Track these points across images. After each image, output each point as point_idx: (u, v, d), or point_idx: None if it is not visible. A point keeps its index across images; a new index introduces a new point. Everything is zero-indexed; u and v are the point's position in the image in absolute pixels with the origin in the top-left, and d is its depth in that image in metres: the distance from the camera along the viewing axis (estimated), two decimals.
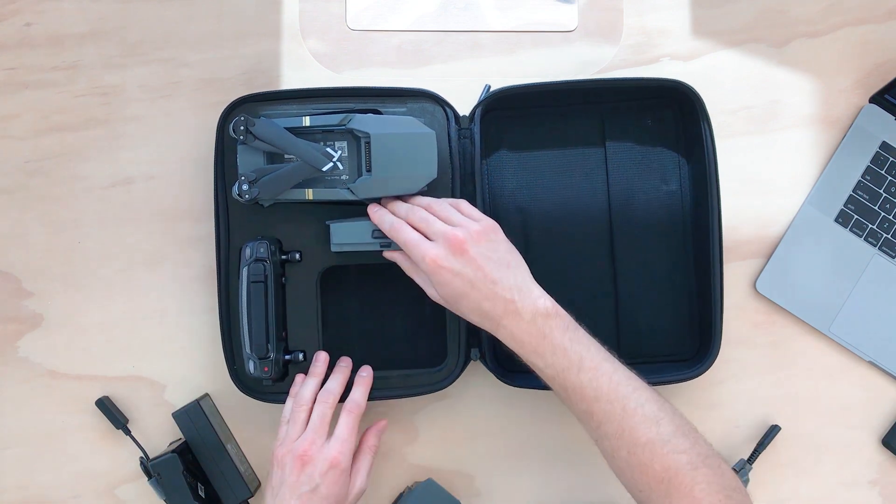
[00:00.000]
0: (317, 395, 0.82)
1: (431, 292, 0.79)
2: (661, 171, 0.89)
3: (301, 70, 0.92)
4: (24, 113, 0.91)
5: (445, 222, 0.78)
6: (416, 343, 0.89)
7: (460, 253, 0.75)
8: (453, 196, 0.85)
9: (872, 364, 0.91)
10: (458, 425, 0.90)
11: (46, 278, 0.90)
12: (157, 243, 0.90)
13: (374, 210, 0.81)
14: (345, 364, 0.85)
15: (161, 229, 0.90)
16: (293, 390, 0.83)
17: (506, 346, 0.76)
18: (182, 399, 0.89)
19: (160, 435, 0.89)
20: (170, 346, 0.89)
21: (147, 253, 0.90)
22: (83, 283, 0.90)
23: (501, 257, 0.77)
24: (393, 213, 0.80)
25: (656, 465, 0.71)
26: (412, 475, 0.90)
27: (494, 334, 0.76)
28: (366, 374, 0.84)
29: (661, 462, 0.71)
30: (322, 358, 0.84)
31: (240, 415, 0.89)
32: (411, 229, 0.78)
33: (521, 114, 0.89)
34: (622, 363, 0.76)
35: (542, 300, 0.76)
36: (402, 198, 0.82)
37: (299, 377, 0.84)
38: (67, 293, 0.90)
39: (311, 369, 0.84)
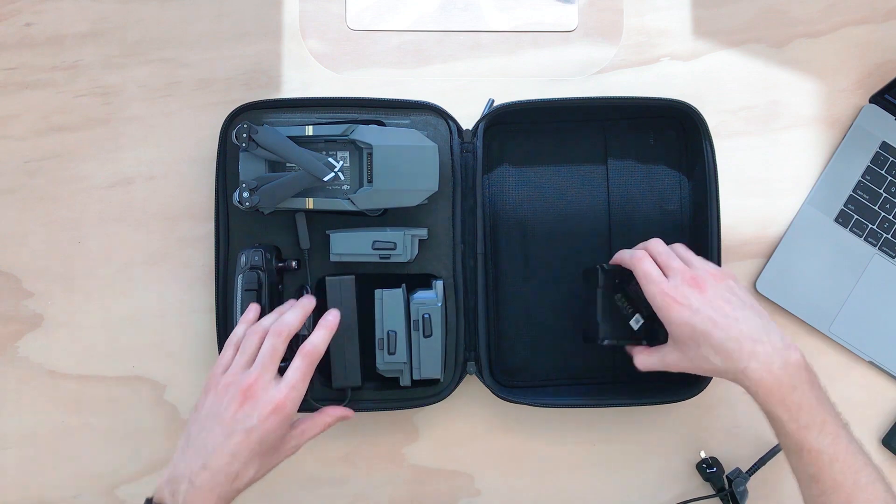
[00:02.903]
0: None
1: (668, 359, 0.77)
2: (662, 190, 0.89)
3: (301, 70, 0.92)
4: (24, 113, 0.91)
5: (685, 262, 0.77)
6: None
7: (699, 291, 0.74)
8: (454, 210, 0.86)
9: (872, 364, 0.91)
10: (458, 426, 0.90)
11: (46, 278, 0.90)
12: (157, 243, 0.90)
13: (620, 254, 0.80)
14: (307, 301, 0.79)
15: (161, 229, 0.90)
16: (246, 316, 0.78)
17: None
18: (182, 399, 0.89)
19: (162, 435, 0.89)
20: (170, 346, 0.89)
21: (147, 253, 0.90)
22: (83, 283, 0.90)
23: (743, 299, 0.75)
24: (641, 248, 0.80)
25: None
26: (412, 475, 0.90)
27: (734, 380, 0.73)
28: (331, 318, 0.77)
29: None
30: (294, 301, 0.80)
31: None
32: (651, 262, 0.77)
33: (523, 129, 0.89)
34: (853, 434, 0.72)
35: (792, 350, 0.72)
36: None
37: (254, 306, 0.79)
38: (67, 293, 0.90)
39: (279, 307, 0.79)
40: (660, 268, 0.77)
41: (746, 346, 0.71)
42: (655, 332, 0.80)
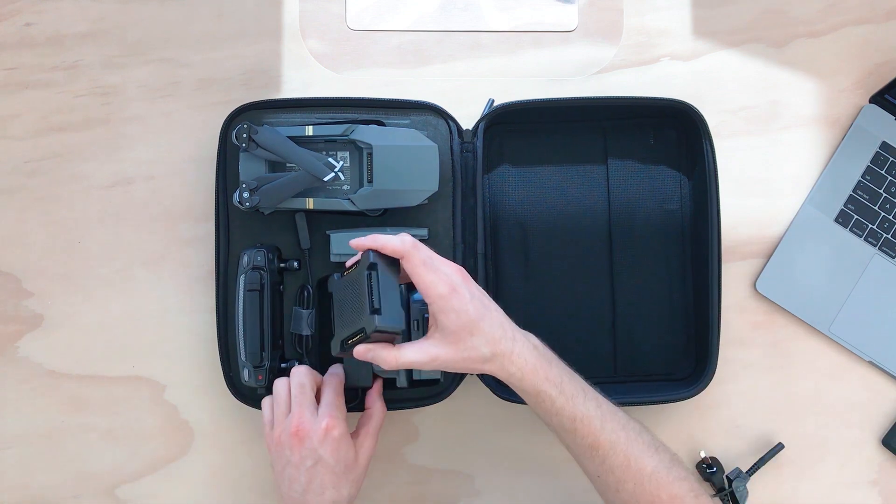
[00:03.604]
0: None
1: (438, 352, 0.72)
2: (662, 189, 0.89)
3: (301, 70, 0.92)
4: (24, 113, 0.91)
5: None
6: None
7: (468, 281, 0.73)
8: (454, 210, 0.85)
9: (872, 364, 0.91)
10: (458, 425, 0.90)
11: (46, 278, 0.90)
12: (157, 243, 0.90)
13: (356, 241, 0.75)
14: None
15: (161, 229, 0.90)
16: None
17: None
18: (182, 399, 0.89)
19: (163, 435, 0.89)
20: (170, 346, 0.89)
21: (147, 253, 0.90)
22: (83, 283, 0.90)
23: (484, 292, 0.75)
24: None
25: (663, 494, 0.70)
26: (412, 475, 0.90)
27: (496, 370, 0.72)
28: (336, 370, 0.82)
29: (668, 491, 0.70)
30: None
31: (240, 417, 0.89)
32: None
33: (523, 128, 0.89)
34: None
35: (528, 332, 0.75)
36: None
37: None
38: (67, 293, 0.90)
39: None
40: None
41: (508, 330, 0.73)
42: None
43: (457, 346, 0.72)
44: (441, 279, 0.71)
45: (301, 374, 0.79)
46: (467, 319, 0.71)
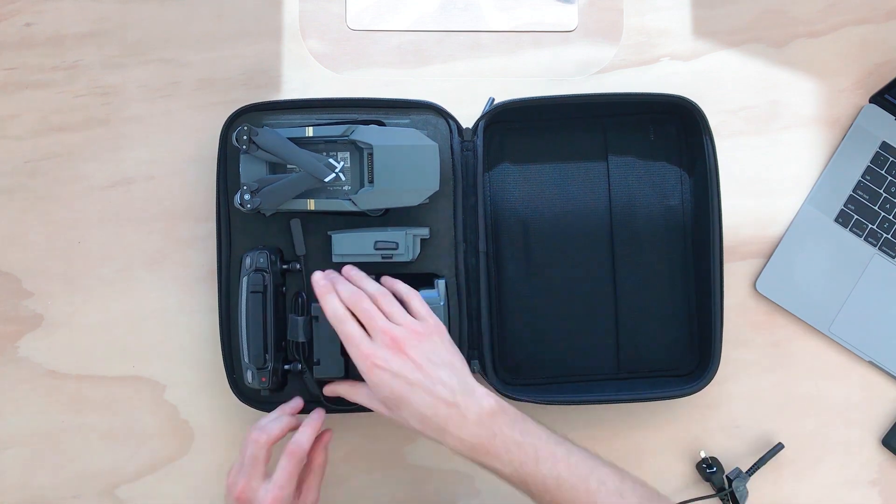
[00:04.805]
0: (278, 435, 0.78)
1: (379, 407, 0.76)
2: (663, 185, 0.89)
3: (301, 70, 0.92)
4: (24, 113, 0.91)
5: (388, 317, 0.75)
6: None
7: (400, 353, 0.73)
8: (455, 209, 0.85)
9: (872, 364, 0.91)
10: None
11: (46, 278, 0.90)
12: (157, 243, 0.90)
13: (321, 286, 0.78)
14: (295, 404, 0.83)
15: (161, 229, 0.90)
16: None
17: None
18: (182, 399, 0.89)
19: (163, 435, 0.89)
20: (170, 346, 0.89)
21: (147, 253, 0.90)
22: (83, 283, 0.90)
23: (442, 358, 0.74)
24: (339, 292, 0.77)
25: None
26: (412, 475, 0.90)
27: (440, 442, 0.72)
28: (316, 417, 0.80)
29: None
30: (284, 407, 0.82)
31: (240, 417, 0.89)
32: (354, 323, 0.75)
33: (523, 126, 0.89)
34: (573, 444, 0.74)
35: (486, 399, 0.73)
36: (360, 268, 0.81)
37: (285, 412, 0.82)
38: (67, 293, 0.90)
39: (282, 407, 0.82)
40: (363, 324, 0.75)
41: (441, 411, 0.72)
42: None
43: (390, 411, 0.75)
44: (360, 354, 0.73)
45: (258, 443, 0.76)
46: (389, 395, 0.73)
